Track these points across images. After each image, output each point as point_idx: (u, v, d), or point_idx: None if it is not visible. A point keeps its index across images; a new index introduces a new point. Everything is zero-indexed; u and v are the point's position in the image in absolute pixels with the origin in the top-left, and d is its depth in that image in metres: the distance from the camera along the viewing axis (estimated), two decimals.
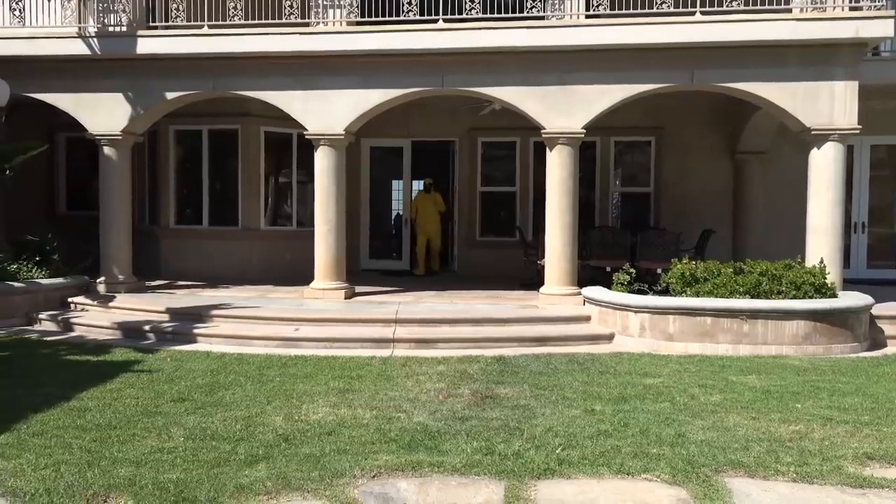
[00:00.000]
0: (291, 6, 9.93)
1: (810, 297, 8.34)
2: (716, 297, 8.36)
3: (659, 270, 9.72)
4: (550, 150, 9.69)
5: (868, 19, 8.77)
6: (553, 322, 9.01)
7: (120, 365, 7.25)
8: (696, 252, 11.06)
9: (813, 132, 9.15)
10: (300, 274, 11.03)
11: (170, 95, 10.29)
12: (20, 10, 10.54)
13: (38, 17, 10.52)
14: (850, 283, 9.99)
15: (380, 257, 13.76)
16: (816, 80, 9.11)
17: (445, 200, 13.55)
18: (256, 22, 10.04)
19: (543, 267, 9.97)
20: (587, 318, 9.11)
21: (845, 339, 8.21)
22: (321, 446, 4.75)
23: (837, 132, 9.11)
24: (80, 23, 10.35)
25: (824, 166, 9.18)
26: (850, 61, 9.08)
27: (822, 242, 9.19)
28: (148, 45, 10.02)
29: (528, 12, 9.50)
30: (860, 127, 9.14)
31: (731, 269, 8.69)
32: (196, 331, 8.65)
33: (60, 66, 10.30)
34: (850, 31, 8.79)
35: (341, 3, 9.90)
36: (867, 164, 12.48)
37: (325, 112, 9.96)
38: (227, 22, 10.03)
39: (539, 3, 9.50)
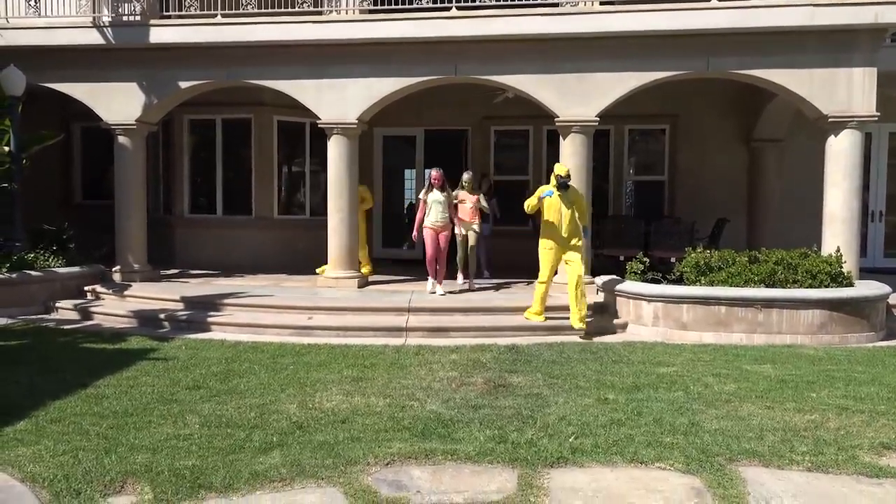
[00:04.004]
0: None
1: (826, 286, 8.27)
2: (730, 286, 8.31)
3: (673, 259, 9.68)
4: (564, 139, 9.64)
5: (888, 4, 8.64)
6: (566, 311, 8.97)
7: (136, 353, 7.32)
8: (711, 241, 10.99)
9: (830, 119, 9.05)
10: (313, 263, 11.07)
11: (183, 85, 10.32)
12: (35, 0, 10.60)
13: (53, 6, 10.57)
14: (866, 272, 9.92)
15: (392, 246, 13.78)
16: (834, 66, 9.00)
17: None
18: (269, 10, 10.03)
19: None
20: (601, 307, 9.08)
21: (861, 329, 8.14)
22: (335, 434, 4.78)
23: (855, 119, 9.00)
24: (94, 12, 10.39)
25: (841, 154, 9.09)
26: (869, 47, 8.95)
27: (838, 231, 9.11)
28: (161, 34, 10.05)
29: None
30: (878, 114, 9.04)
31: (746, 258, 8.63)
32: (210, 319, 8.71)
33: (75, 55, 10.35)
34: (870, 16, 8.67)
35: None
36: (885, 152, 12.34)
37: (338, 101, 9.96)
38: (241, 11, 10.04)
39: None
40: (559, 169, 8.56)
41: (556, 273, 8.84)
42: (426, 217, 9.56)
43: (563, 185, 8.46)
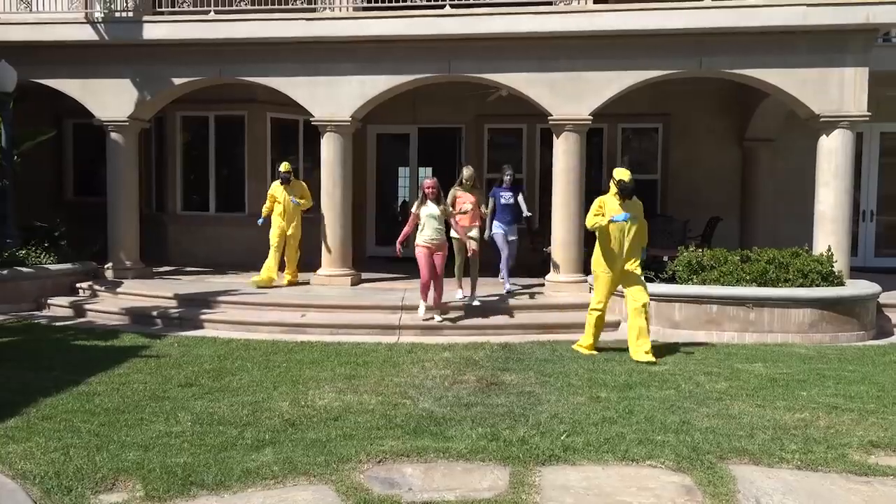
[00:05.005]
0: None
1: (817, 286, 8.30)
2: (722, 284, 8.33)
3: (665, 258, 9.70)
4: (557, 137, 9.65)
5: (879, 4, 8.67)
6: (558, 309, 9.00)
7: (128, 350, 7.31)
8: (703, 240, 11.02)
9: (822, 119, 9.09)
10: (307, 261, 11.05)
11: (176, 81, 10.28)
12: None
13: (44, 2, 10.51)
14: (857, 272, 9.97)
15: (386, 244, 13.75)
16: (826, 66, 9.03)
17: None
18: (263, 7, 10.01)
19: (549, 254, 9.96)
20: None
21: (852, 328, 8.19)
22: (327, 432, 4.78)
23: (847, 119, 9.04)
24: (86, 8, 10.34)
25: (833, 153, 9.13)
26: (861, 47, 8.99)
27: (829, 230, 9.15)
28: (154, 30, 10.01)
29: None
30: (870, 114, 9.07)
31: (738, 257, 8.66)
32: (203, 316, 8.70)
33: (67, 51, 10.30)
34: (861, 16, 8.70)
35: None
36: (877, 152, 12.40)
37: (332, 98, 9.94)
38: (234, 7, 10.01)
39: None
40: (621, 173, 7.02)
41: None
42: (419, 234, 8.29)
43: (627, 192, 6.99)
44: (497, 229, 9.46)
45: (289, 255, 10.26)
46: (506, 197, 9.47)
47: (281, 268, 10.22)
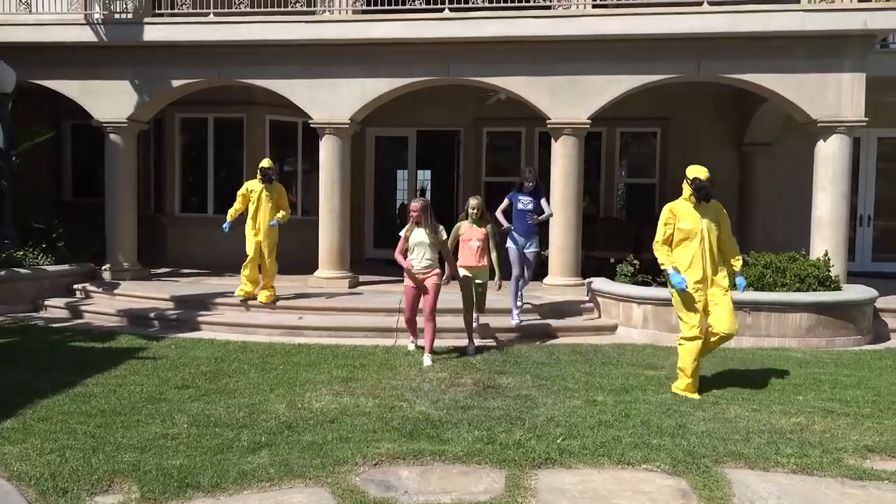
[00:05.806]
0: None
1: (814, 290, 8.32)
2: None
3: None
4: (556, 141, 9.67)
5: (877, 11, 8.72)
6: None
7: (125, 352, 7.30)
8: None
9: (819, 124, 9.11)
10: (304, 262, 11.05)
11: (175, 83, 10.29)
12: None
13: (44, 3, 10.52)
14: (854, 276, 9.98)
15: (384, 247, 13.75)
16: (824, 71, 9.07)
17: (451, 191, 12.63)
18: (262, 10, 10.02)
19: (547, 258, 9.97)
20: (591, 309, 9.11)
21: (848, 332, 8.19)
22: (323, 434, 4.78)
23: (844, 124, 9.07)
24: (86, 9, 10.35)
25: (830, 158, 9.15)
26: (858, 53, 9.03)
27: (826, 235, 9.18)
28: (153, 32, 10.03)
29: (534, 1, 9.46)
30: (867, 119, 9.11)
31: None
32: (200, 318, 8.69)
33: (66, 52, 10.31)
34: (859, 22, 8.74)
35: None
36: (874, 157, 12.43)
37: (331, 101, 9.96)
38: (233, 10, 10.02)
39: None
40: (697, 171, 5.85)
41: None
42: (408, 260, 7.28)
43: (703, 193, 5.83)
44: (510, 244, 8.34)
45: (264, 267, 8.98)
46: (524, 202, 8.21)
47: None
